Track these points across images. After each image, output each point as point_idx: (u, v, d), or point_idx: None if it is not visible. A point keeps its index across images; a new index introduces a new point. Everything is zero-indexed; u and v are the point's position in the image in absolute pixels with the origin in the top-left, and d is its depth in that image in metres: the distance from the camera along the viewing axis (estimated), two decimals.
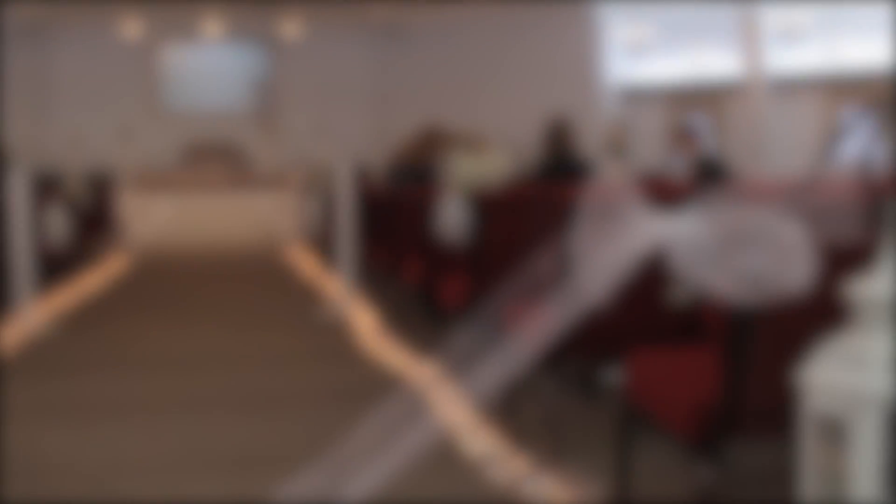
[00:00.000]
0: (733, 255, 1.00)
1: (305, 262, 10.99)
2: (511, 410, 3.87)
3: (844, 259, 1.08)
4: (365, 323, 6.62)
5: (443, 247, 4.84)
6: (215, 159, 19.66)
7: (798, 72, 16.82)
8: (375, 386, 4.75)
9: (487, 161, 3.99)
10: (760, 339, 2.11)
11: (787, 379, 1.05)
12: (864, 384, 0.88)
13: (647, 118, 18.48)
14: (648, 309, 3.25)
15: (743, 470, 2.44)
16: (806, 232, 0.99)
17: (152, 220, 16.89)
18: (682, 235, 1.00)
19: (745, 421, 2.20)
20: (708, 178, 5.79)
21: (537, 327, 3.38)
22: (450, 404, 4.29)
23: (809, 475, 0.95)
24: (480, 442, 3.71)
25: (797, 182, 0.87)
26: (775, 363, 1.55)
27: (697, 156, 8.34)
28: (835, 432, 0.95)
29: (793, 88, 16.59)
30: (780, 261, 0.97)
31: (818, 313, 1.20)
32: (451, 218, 4.12)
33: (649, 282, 3.22)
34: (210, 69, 20.77)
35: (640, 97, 18.63)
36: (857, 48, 15.34)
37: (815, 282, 1.09)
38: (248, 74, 20.50)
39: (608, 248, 1.02)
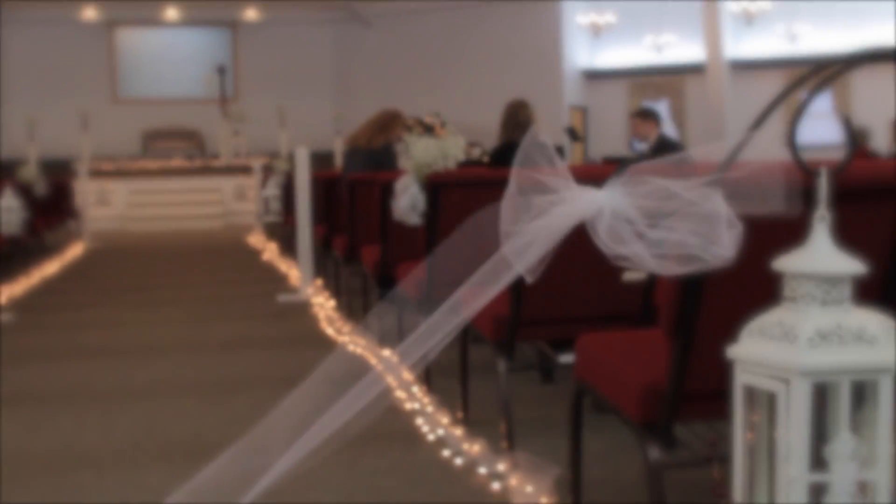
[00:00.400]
0: (655, 226, 1.00)
1: (266, 249, 10.93)
2: (468, 394, 3.87)
3: (781, 233, 1.07)
4: (324, 308, 6.60)
5: (400, 231, 4.82)
6: (175, 145, 19.48)
7: (759, 56, 16.91)
8: (337, 370, 4.75)
9: (445, 143, 3.97)
10: (705, 318, 2.11)
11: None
12: (792, 357, 0.87)
13: (610, 103, 18.53)
14: (605, 292, 3.26)
15: (694, 450, 2.44)
16: (731, 205, 0.99)
17: (111, 206, 16.72)
18: (605, 208, 0.99)
19: (694, 401, 2.20)
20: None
21: (487, 307, 3.38)
22: (407, 387, 4.28)
23: (740, 450, 0.94)
24: (437, 425, 3.70)
25: (729, 157, 0.85)
26: (722, 342, 1.55)
27: (656, 139, 8.38)
28: (764, 406, 0.94)
29: (753, 72, 16.68)
30: (704, 233, 0.96)
31: (764, 291, 1.19)
32: (408, 201, 4.10)
33: (605, 265, 3.24)
34: (169, 54, 20.56)
35: (603, 82, 18.67)
36: (816, 32, 15.45)
37: (750, 256, 1.09)
38: (208, 59, 20.30)
39: (534, 222, 1.01)
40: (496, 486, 3.05)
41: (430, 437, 3.59)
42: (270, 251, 10.60)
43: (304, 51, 20.15)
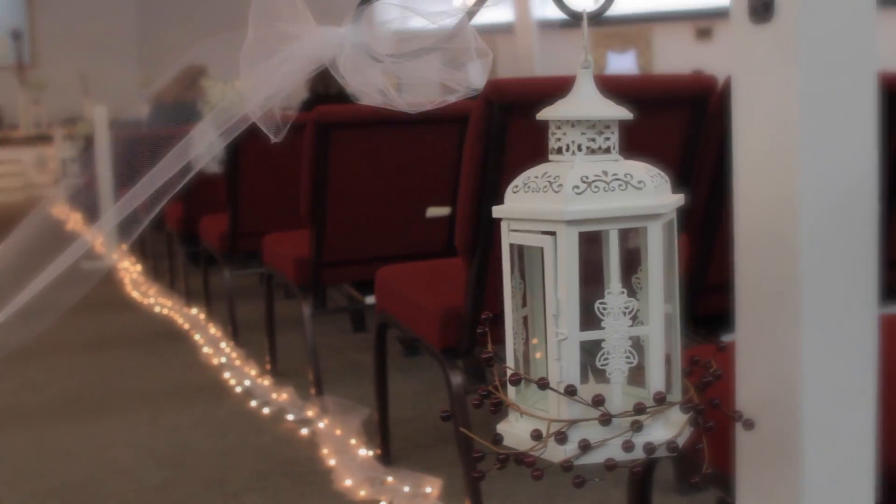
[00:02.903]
0: (405, 61, 0.92)
1: (70, 219, 10.41)
2: (277, 346, 3.76)
3: None
4: (130, 273, 6.33)
5: (203, 184, 4.62)
6: None
7: (558, 15, 17.15)
8: (143, 332, 4.57)
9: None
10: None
11: None
12: (557, 207, 0.80)
13: (423, 65, 18.48)
14: (409, 230, 3.20)
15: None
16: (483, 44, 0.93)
17: None
18: (347, 44, 0.91)
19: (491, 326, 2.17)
20: None
21: (288, 250, 3.28)
22: (214, 343, 4.13)
23: (510, 317, 0.88)
24: (245, 377, 3.57)
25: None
26: None
27: (465, 95, 8.37)
28: (535, 267, 0.88)
29: (561, 31, 16.96)
30: (453, 63, 0.90)
31: None
32: (208, 149, 3.91)
33: (408, 202, 3.18)
34: None
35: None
36: None
37: None
38: (1, 24, 19.16)
39: (275, 70, 0.91)
40: (305, 431, 2.95)
41: (238, 390, 3.47)
42: (75, 221, 10.11)
43: (106, 14, 19.28)
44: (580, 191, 0.81)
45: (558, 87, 1.87)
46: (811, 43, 0.92)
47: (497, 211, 0.87)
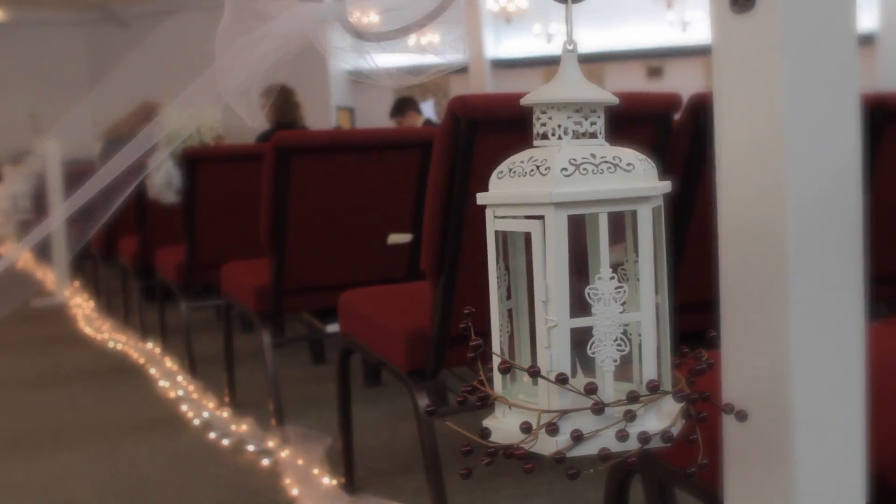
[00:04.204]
0: (385, 38, 0.90)
1: (19, 257, 10.24)
2: (235, 379, 3.69)
3: None
4: (83, 309, 6.22)
5: (158, 216, 4.57)
6: None
7: (518, 55, 17.36)
8: (97, 367, 4.48)
9: (200, 114, 3.75)
10: (468, 256, 2.05)
11: None
12: (545, 189, 0.78)
13: (376, 103, 18.53)
14: (370, 257, 3.16)
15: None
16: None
17: None
18: (329, 18, 0.89)
19: (457, 347, 2.14)
20: None
21: (247, 278, 3.23)
22: (170, 376, 4.05)
23: (496, 306, 0.85)
24: (203, 409, 3.50)
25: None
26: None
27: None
28: (520, 255, 0.86)
29: (513, 70, 17.10)
30: (439, 37, 0.88)
31: None
32: (163, 177, 3.87)
33: (369, 229, 3.14)
34: None
35: (369, 84, 18.64)
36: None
37: None
38: None
39: (251, 40, 0.88)
40: (266, 461, 2.89)
41: (196, 422, 3.39)
42: (25, 259, 9.94)
43: (57, 54, 19.13)
44: (568, 173, 0.79)
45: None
46: (794, 31, 0.91)
47: (482, 198, 0.84)
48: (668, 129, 2.08)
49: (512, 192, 0.82)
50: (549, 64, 15.34)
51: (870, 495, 0.97)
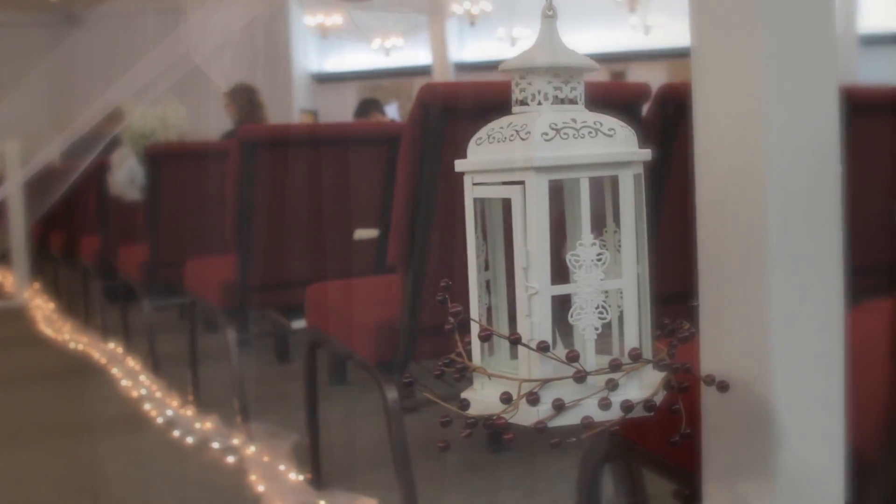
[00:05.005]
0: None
1: None
2: (199, 378, 3.64)
3: None
4: (43, 310, 6.13)
5: (121, 214, 4.51)
6: None
7: (482, 58, 17.37)
8: (58, 367, 4.41)
9: (165, 111, 3.71)
10: (435, 249, 2.04)
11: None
12: (526, 154, 0.77)
13: (341, 105, 18.47)
14: (337, 252, 3.14)
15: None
16: None
17: None
18: None
19: (430, 336, 2.12)
20: None
21: (213, 274, 3.19)
22: (133, 376, 4.00)
23: (475, 277, 0.84)
24: (167, 408, 3.46)
25: None
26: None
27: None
28: (499, 224, 0.84)
29: (477, 74, 17.11)
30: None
31: None
32: (125, 174, 3.82)
33: (336, 224, 3.12)
34: None
35: (333, 86, 18.61)
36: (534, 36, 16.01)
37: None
38: None
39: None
40: (231, 458, 2.85)
41: (159, 420, 3.35)
42: None
43: (16, 56, 18.90)
44: (549, 137, 0.78)
45: (492, 90, 1.84)
46: (772, 2, 0.90)
47: (460, 164, 0.83)
48: (638, 119, 2.07)
49: (491, 157, 0.80)
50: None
51: (849, 470, 0.96)
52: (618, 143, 0.79)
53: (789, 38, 0.91)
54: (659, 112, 2.02)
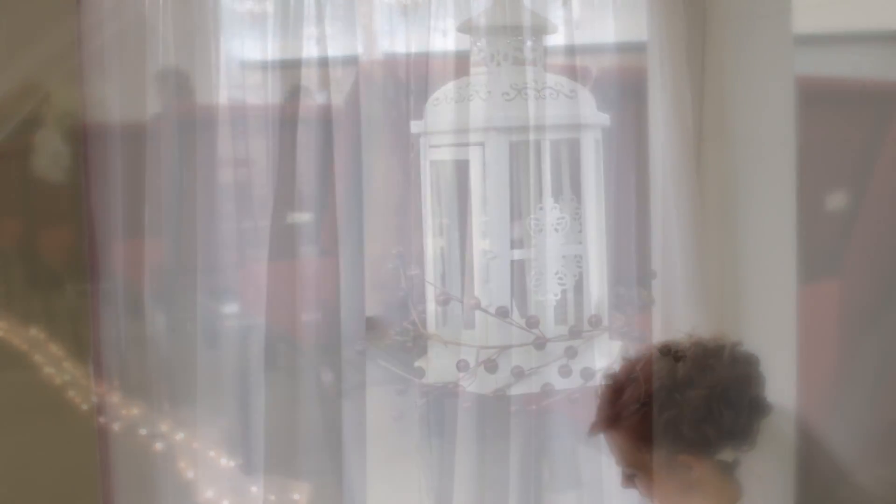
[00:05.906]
0: None
1: None
2: (126, 362, 3.56)
3: None
4: None
5: (43, 196, 4.39)
6: None
7: (404, 50, 17.32)
8: None
9: (94, 92, 3.60)
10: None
11: None
12: (487, 113, 0.74)
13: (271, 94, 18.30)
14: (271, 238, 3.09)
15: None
16: None
17: None
18: None
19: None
20: None
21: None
22: (57, 363, 3.90)
23: (430, 241, 0.81)
24: (91, 394, 3.37)
25: None
26: None
27: None
28: (447, 187, 0.82)
29: None
30: None
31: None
32: (49, 154, 3.71)
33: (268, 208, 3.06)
34: None
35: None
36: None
37: None
38: None
39: None
40: (159, 445, 2.80)
41: (84, 407, 3.26)
42: None
43: None
44: (510, 98, 0.76)
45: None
46: None
47: (416, 126, 0.80)
48: None
49: (450, 118, 0.78)
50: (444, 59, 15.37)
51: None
52: (580, 105, 0.77)
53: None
54: None
